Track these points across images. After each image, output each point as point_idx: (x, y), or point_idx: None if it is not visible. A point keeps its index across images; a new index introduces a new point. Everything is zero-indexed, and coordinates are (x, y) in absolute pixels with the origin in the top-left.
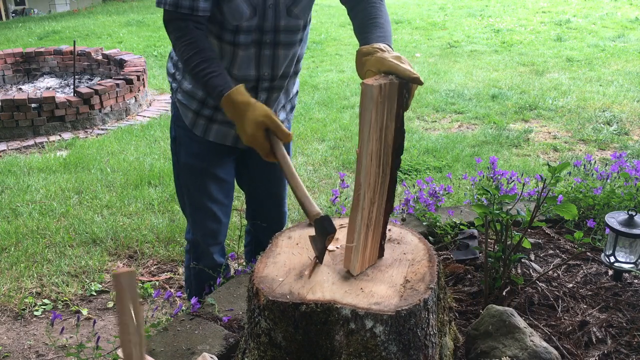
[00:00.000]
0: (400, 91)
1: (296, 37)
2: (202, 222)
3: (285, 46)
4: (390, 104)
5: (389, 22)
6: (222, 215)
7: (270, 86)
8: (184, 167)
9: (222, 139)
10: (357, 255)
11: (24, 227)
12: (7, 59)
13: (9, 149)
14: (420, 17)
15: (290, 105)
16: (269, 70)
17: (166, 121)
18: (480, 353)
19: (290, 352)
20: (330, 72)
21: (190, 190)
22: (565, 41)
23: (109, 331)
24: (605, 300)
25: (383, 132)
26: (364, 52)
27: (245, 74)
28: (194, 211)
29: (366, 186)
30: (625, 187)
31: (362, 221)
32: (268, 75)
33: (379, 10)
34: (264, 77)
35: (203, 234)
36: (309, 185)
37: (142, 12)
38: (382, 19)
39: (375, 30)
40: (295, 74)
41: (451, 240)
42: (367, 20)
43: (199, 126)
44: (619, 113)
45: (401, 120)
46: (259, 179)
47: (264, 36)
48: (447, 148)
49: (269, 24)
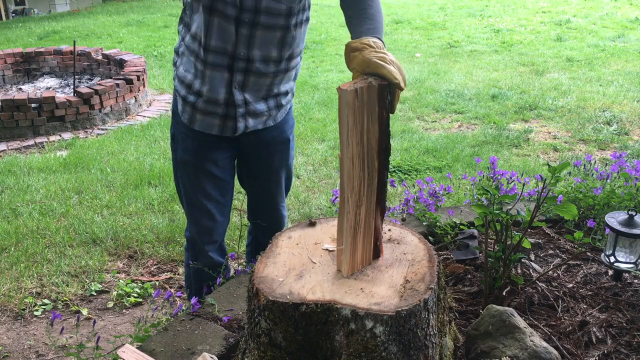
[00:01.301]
0: (381, 94)
1: (277, 21)
2: (197, 219)
3: (264, 28)
4: (371, 107)
5: (381, 12)
6: (217, 213)
7: (247, 68)
8: (180, 163)
9: (208, 128)
10: (346, 257)
11: (24, 227)
12: (7, 59)
13: (9, 149)
14: (420, 17)
15: (275, 102)
16: (244, 49)
17: (166, 121)
18: (480, 353)
19: (290, 352)
20: (330, 72)
21: (186, 187)
22: (565, 41)
23: (109, 331)
24: (605, 300)
25: (365, 135)
26: (352, 47)
27: (221, 46)
28: (189, 208)
29: (349, 189)
30: (625, 187)
31: (347, 224)
32: (244, 55)
33: (371, 0)
34: (239, 57)
35: (198, 231)
36: (309, 185)
37: (142, 12)
38: (372, 9)
39: (366, 22)
40: (287, 71)
41: (451, 240)
42: (358, 11)
43: (186, 113)
44: (619, 113)
45: (385, 122)
46: (258, 178)
47: (243, 14)
48: (447, 148)
49: (249, 3)
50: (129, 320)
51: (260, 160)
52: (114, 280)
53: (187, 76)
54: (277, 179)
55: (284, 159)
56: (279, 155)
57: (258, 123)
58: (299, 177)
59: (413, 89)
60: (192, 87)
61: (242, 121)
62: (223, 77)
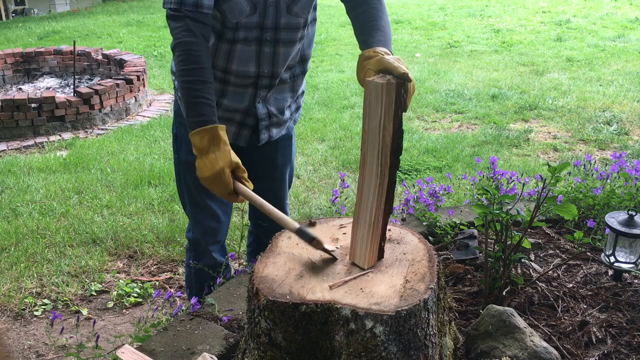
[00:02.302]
0: (399, 91)
1: (296, 35)
2: (201, 221)
3: (285, 44)
4: (389, 104)
5: (389, 24)
6: (221, 213)
7: (270, 84)
8: (184, 165)
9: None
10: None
11: (24, 227)
12: (7, 59)
13: (9, 149)
14: (420, 17)
15: (296, 105)
16: (269, 67)
17: (166, 121)
18: (480, 353)
19: (290, 352)
20: (330, 72)
21: (190, 188)
22: (565, 41)
23: (109, 331)
24: (605, 300)
25: (381, 133)
26: (366, 56)
27: (244, 69)
28: (193, 209)
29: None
30: (625, 187)
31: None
32: (268, 73)
33: (380, 12)
34: (263, 75)
35: (202, 232)
36: (309, 185)
37: (142, 12)
38: (382, 22)
39: (377, 33)
40: (303, 74)
41: (451, 240)
42: (368, 22)
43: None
44: (619, 113)
45: (399, 120)
46: (260, 178)
47: (265, 34)
48: (447, 148)
49: (269, 22)
50: (129, 320)
51: (264, 159)
52: (114, 280)
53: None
54: (281, 176)
55: (288, 156)
56: (283, 152)
57: (282, 129)
58: (299, 177)
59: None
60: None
61: (265, 132)
62: (247, 92)
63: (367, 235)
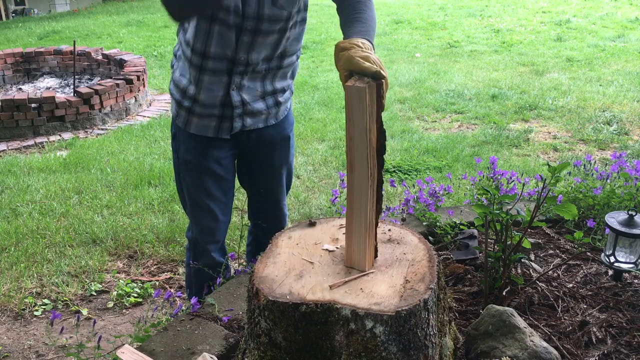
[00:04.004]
0: (378, 92)
1: (277, 27)
2: (200, 220)
3: (265, 35)
4: (371, 106)
5: (374, 18)
6: (220, 213)
7: (245, 70)
8: (183, 164)
9: (203, 131)
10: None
11: (24, 227)
12: (7, 59)
13: (9, 149)
14: (420, 17)
15: (274, 100)
16: (244, 55)
17: (166, 121)
18: (480, 353)
19: (290, 352)
20: (330, 72)
21: (189, 187)
22: (565, 41)
23: (109, 331)
24: (605, 300)
25: (367, 135)
26: (341, 47)
27: (222, 52)
28: (192, 208)
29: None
30: (625, 187)
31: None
32: (244, 60)
33: (365, 5)
34: (239, 61)
35: (201, 231)
36: (309, 185)
37: (142, 12)
38: (365, 14)
39: (357, 24)
40: (279, 69)
41: (451, 240)
42: (352, 15)
43: (181, 117)
44: (619, 113)
45: (380, 120)
46: (259, 177)
47: (245, 22)
48: (447, 148)
49: (251, 11)
50: (129, 320)
51: (261, 159)
52: (114, 280)
53: (182, 81)
54: (278, 177)
55: (285, 157)
56: (279, 153)
57: (258, 122)
58: (299, 177)
59: (413, 89)
60: (187, 92)
61: (238, 121)
62: (222, 81)
63: (365, 239)
